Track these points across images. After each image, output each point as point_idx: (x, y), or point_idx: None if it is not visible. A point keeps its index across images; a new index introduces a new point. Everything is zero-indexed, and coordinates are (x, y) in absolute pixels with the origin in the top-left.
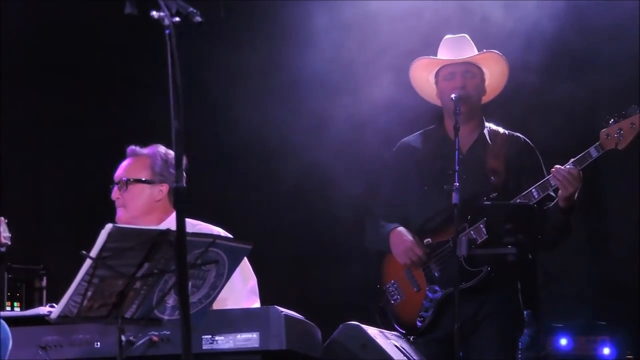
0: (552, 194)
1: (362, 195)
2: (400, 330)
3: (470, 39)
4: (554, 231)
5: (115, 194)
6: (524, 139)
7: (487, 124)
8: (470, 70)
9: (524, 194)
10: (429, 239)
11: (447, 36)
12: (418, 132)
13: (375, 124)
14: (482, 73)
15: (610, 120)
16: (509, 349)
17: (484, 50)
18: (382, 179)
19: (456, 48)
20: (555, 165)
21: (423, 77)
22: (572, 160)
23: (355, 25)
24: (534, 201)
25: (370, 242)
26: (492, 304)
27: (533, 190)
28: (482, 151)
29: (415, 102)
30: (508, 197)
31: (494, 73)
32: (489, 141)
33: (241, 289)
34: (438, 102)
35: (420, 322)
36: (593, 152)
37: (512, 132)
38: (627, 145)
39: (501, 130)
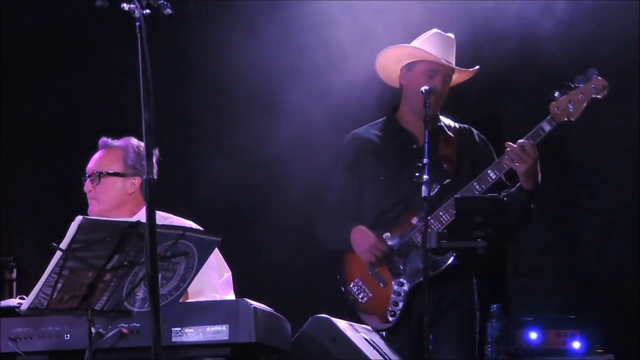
0: (505, 180)
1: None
2: (372, 327)
3: (454, 41)
4: (516, 216)
5: (87, 186)
6: (475, 130)
7: (441, 118)
8: (450, 75)
9: (479, 176)
10: (388, 234)
11: (436, 31)
12: (368, 125)
13: (357, 111)
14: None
15: (556, 93)
16: (471, 337)
17: (477, 67)
18: (332, 171)
19: (443, 48)
20: (507, 142)
21: (396, 58)
22: (526, 136)
23: (316, 18)
24: (491, 182)
25: (327, 239)
26: (455, 293)
27: (489, 171)
28: (436, 141)
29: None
30: (460, 184)
31: (460, 79)
32: (443, 132)
33: (217, 282)
34: (392, 84)
35: (391, 316)
36: (545, 125)
37: (463, 125)
38: (579, 116)
39: (452, 123)
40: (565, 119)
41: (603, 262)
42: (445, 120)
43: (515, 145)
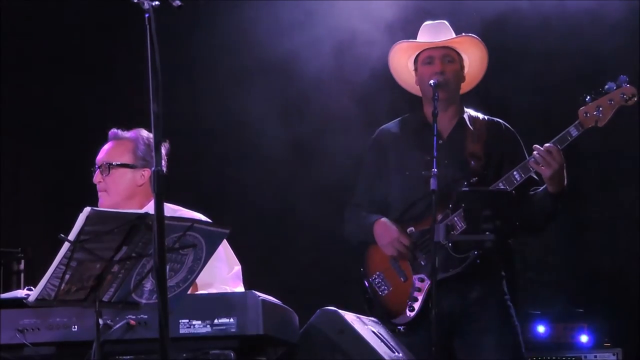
0: (535, 176)
1: (342, 180)
2: (391, 321)
3: (449, 26)
4: (541, 216)
5: (97, 177)
6: (505, 125)
7: (466, 110)
8: (450, 54)
9: (505, 176)
10: (412, 228)
11: (427, 22)
12: (397, 119)
13: (360, 107)
14: (461, 59)
15: (587, 98)
16: (511, 332)
17: (463, 34)
18: (361, 167)
19: (435, 33)
20: (534, 145)
21: (402, 63)
22: (552, 140)
23: (338, 13)
24: (517, 184)
25: (352, 233)
26: (481, 289)
27: (514, 172)
28: (462, 136)
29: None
30: (488, 182)
31: (473, 60)
32: (469, 126)
33: (226, 275)
34: (416, 90)
35: (410, 311)
36: (573, 131)
37: (492, 118)
38: (606, 123)
39: (481, 116)
40: (593, 125)
41: (611, 256)
42: (472, 113)
43: (542, 149)
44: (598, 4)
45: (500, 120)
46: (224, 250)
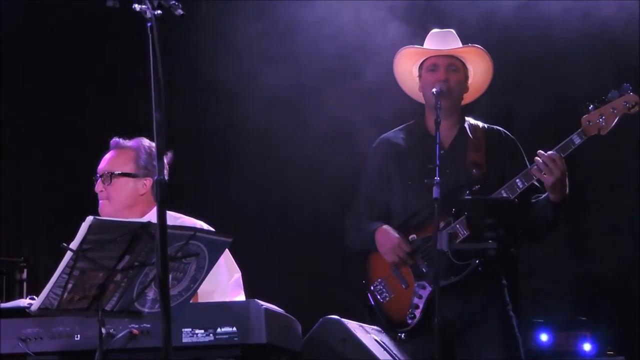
0: (537, 184)
1: (345, 188)
2: (392, 328)
3: (456, 35)
4: (543, 224)
5: (98, 186)
6: (505, 132)
7: (466, 119)
8: (455, 64)
9: (507, 184)
10: (414, 235)
11: (434, 30)
12: (398, 128)
13: (366, 114)
14: (466, 69)
15: (590, 106)
16: (511, 341)
17: (469, 44)
18: (362, 176)
19: (442, 41)
20: (539, 150)
21: (407, 69)
22: (555, 148)
23: (341, 16)
24: (519, 191)
25: (353, 241)
26: (482, 297)
27: (517, 180)
28: (463, 145)
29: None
30: (490, 190)
31: (478, 71)
32: (470, 135)
33: (226, 283)
34: (418, 97)
35: (410, 318)
36: (576, 139)
37: (492, 126)
38: (609, 131)
39: (480, 124)
40: (596, 133)
41: (614, 264)
42: (472, 121)
43: (545, 155)
44: (599, 8)
45: (500, 128)
46: (224, 257)
